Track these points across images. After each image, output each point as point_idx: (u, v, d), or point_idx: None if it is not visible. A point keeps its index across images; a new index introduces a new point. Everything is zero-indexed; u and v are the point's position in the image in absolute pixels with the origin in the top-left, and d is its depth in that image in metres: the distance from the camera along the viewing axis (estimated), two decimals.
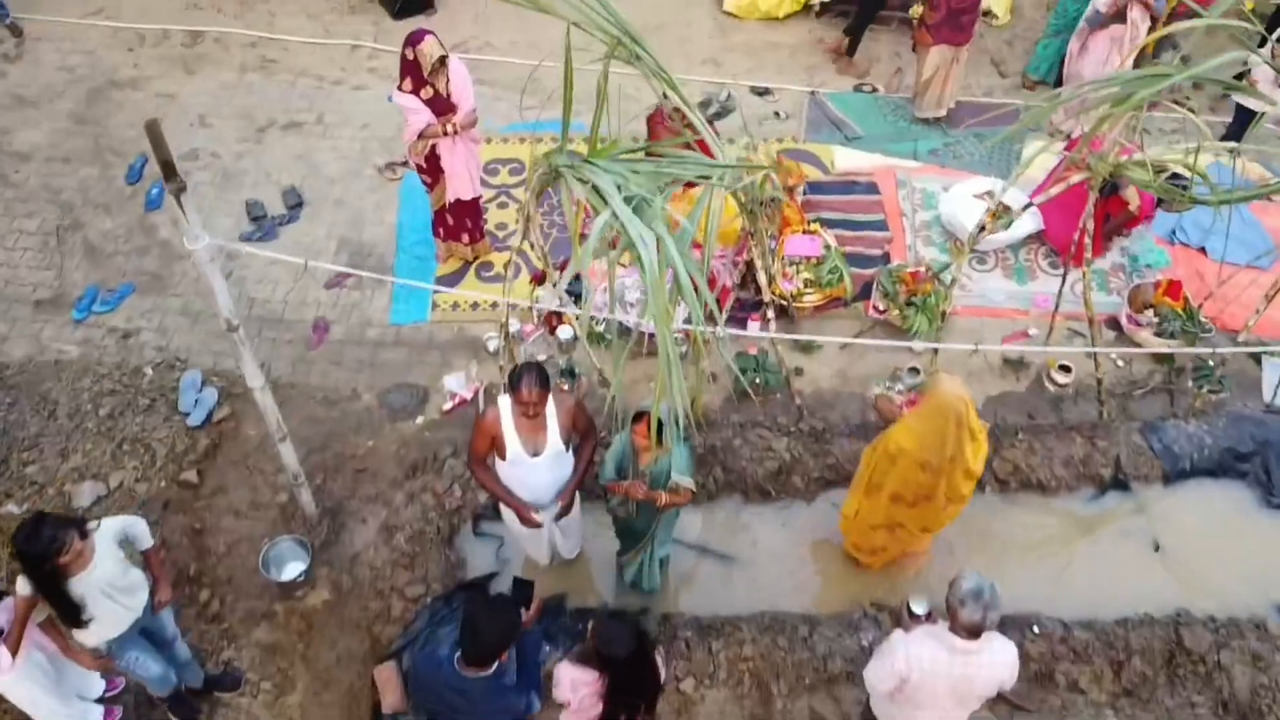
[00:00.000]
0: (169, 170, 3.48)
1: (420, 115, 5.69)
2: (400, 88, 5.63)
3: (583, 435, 4.45)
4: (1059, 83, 7.66)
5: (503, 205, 7.15)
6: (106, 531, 3.98)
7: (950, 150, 7.52)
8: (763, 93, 7.90)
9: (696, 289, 3.35)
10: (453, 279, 6.66)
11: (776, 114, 7.76)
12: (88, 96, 7.85)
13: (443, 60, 5.58)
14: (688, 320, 3.52)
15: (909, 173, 7.37)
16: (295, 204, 7.01)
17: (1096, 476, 5.72)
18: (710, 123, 7.09)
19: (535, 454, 4.40)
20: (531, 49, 8.14)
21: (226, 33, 8.34)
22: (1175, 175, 5.34)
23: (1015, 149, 7.48)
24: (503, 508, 4.79)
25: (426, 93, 5.67)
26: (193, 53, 8.21)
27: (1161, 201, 6.40)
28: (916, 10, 7.43)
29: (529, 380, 4.13)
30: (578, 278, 6.03)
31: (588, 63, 4.32)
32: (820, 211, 7.04)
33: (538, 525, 4.61)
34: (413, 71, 5.57)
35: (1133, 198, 6.20)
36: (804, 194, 7.04)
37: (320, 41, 8.28)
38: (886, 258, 6.80)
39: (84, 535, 3.78)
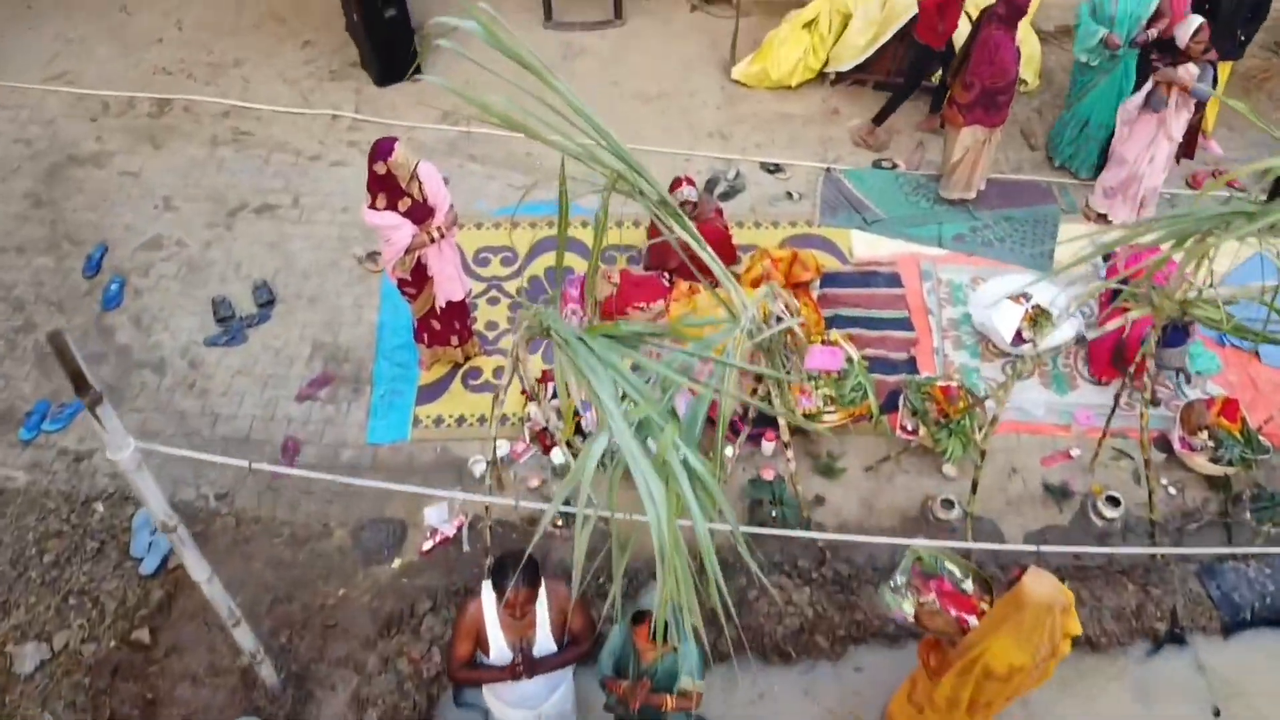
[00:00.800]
0: (80, 382, 2.91)
1: (404, 231, 5.11)
2: (374, 206, 5.04)
3: (575, 638, 3.87)
4: (1099, 166, 7.08)
5: (493, 301, 6.56)
6: None
7: (978, 235, 6.93)
8: (774, 169, 7.31)
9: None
10: (438, 388, 6.08)
11: (789, 194, 7.16)
12: (46, 174, 7.27)
13: (416, 165, 5.00)
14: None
15: (934, 261, 6.78)
16: (266, 301, 6.43)
17: (1150, 630, 5.15)
18: (719, 213, 6.55)
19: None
20: (528, 120, 7.54)
21: (196, 101, 7.76)
22: None
23: (1049, 237, 6.90)
24: (485, 687, 4.24)
25: (405, 204, 5.09)
26: (160, 123, 7.63)
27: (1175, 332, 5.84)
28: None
29: (515, 580, 3.56)
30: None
31: (586, 193, 3.78)
32: (838, 307, 6.46)
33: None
34: (386, 186, 4.98)
35: None
36: (819, 287, 6.47)
37: (298, 111, 7.69)
38: (912, 362, 6.22)
39: None
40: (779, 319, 4.07)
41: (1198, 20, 5.89)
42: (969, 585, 4.31)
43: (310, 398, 5.99)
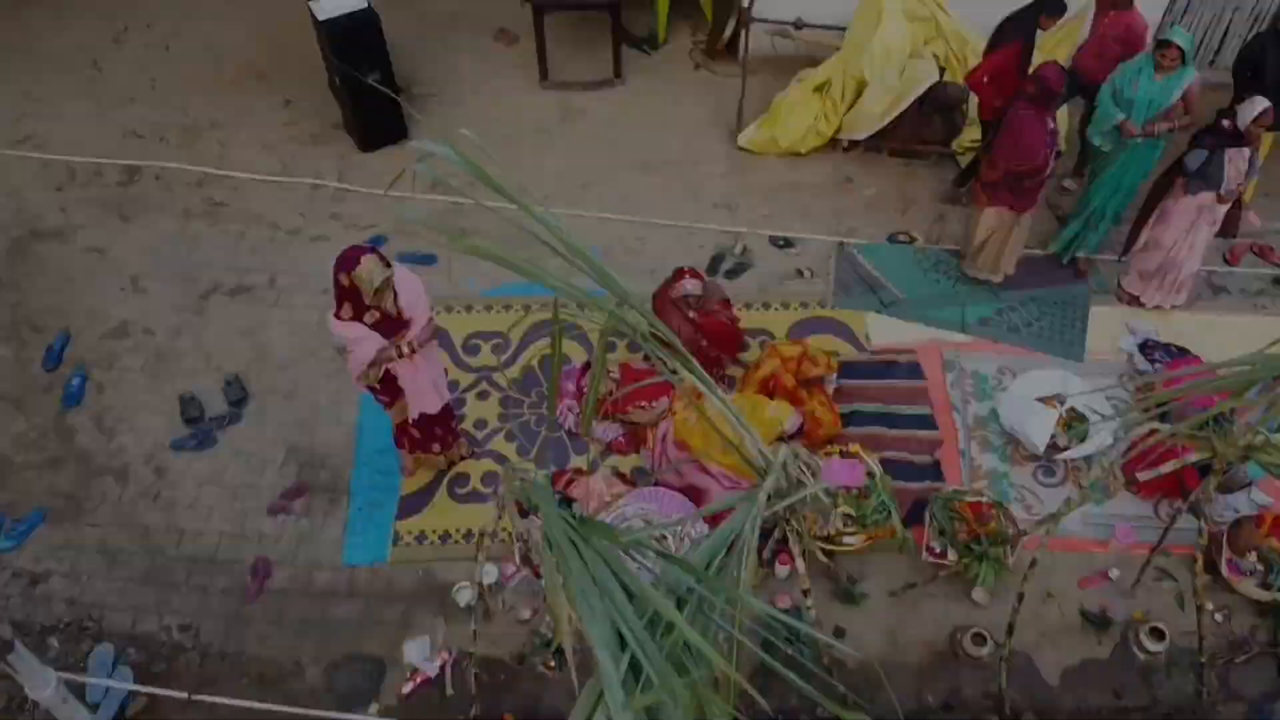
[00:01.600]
0: None
1: (366, 345, 4.63)
2: (338, 315, 4.56)
3: None
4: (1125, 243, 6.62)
5: (483, 395, 6.10)
6: None
7: (1004, 319, 6.46)
8: (783, 244, 6.85)
9: None
10: (421, 497, 5.62)
11: (799, 271, 6.69)
12: (7, 250, 6.81)
13: (386, 280, 4.51)
14: None
15: (957, 349, 6.31)
16: (238, 399, 5.96)
17: None
18: (725, 304, 6.08)
19: None
20: (523, 192, 7.08)
21: (168, 168, 7.29)
22: None
23: (1079, 321, 6.43)
24: None
25: (371, 317, 4.60)
26: (129, 193, 7.16)
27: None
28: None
29: None
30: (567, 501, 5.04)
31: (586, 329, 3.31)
32: (855, 402, 6.00)
33: None
34: (350, 297, 4.51)
35: None
36: (835, 381, 6.01)
37: (276, 179, 7.21)
38: (936, 466, 5.76)
39: None
40: (799, 482, 3.63)
41: (1264, 103, 5.42)
42: None
43: (283, 510, 5.53)
